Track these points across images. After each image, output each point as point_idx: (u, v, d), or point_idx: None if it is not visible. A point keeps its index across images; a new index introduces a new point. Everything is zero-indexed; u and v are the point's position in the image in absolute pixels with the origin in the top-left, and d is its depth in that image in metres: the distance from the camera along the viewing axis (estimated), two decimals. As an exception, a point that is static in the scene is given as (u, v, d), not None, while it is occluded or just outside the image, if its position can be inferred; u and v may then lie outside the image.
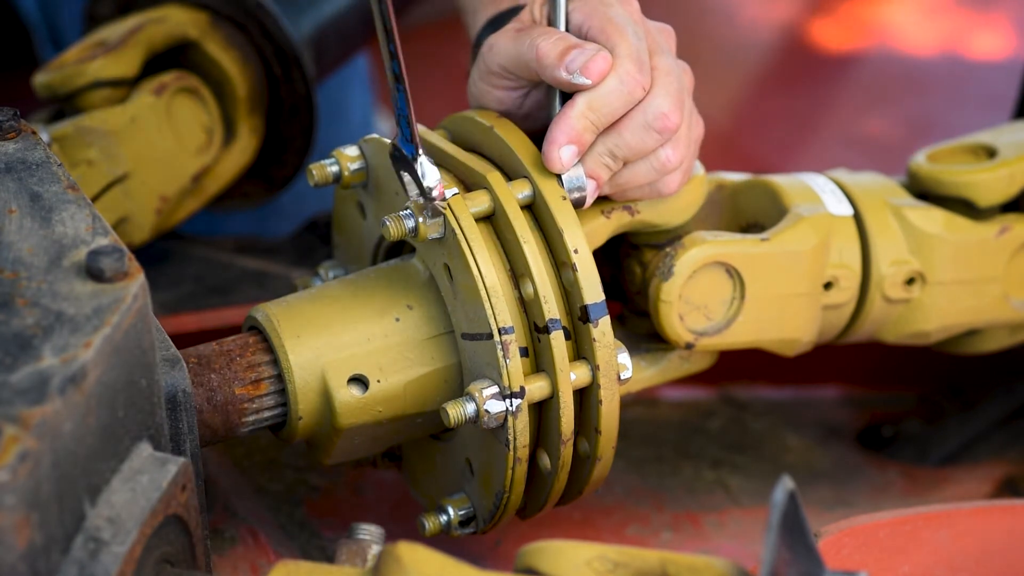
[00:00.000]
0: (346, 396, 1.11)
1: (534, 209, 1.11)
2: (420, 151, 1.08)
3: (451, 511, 1.16)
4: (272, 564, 1.00)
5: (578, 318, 1.09)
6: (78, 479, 0.87)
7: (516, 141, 1.12)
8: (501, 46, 1.14)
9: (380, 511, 1.36)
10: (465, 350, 1.11)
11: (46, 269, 0.94)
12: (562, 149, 1.09)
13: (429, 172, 1.08)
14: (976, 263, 1.28)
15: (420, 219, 1.09)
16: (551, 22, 1.15)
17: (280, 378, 1.12)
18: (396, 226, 1.09)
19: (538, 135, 1.12)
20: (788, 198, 1.23)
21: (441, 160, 1.15)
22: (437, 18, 2.87)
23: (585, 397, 1.11)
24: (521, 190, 1.10)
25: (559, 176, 1.10)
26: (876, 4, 3.34)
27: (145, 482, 0.92)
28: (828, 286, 1.24)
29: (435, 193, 1.08)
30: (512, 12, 1.22)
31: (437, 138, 1.17)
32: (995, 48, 3.14)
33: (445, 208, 1.08)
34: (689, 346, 1.19)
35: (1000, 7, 3.31)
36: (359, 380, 1.12)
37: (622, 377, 1.10)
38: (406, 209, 1.09)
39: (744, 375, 1.58)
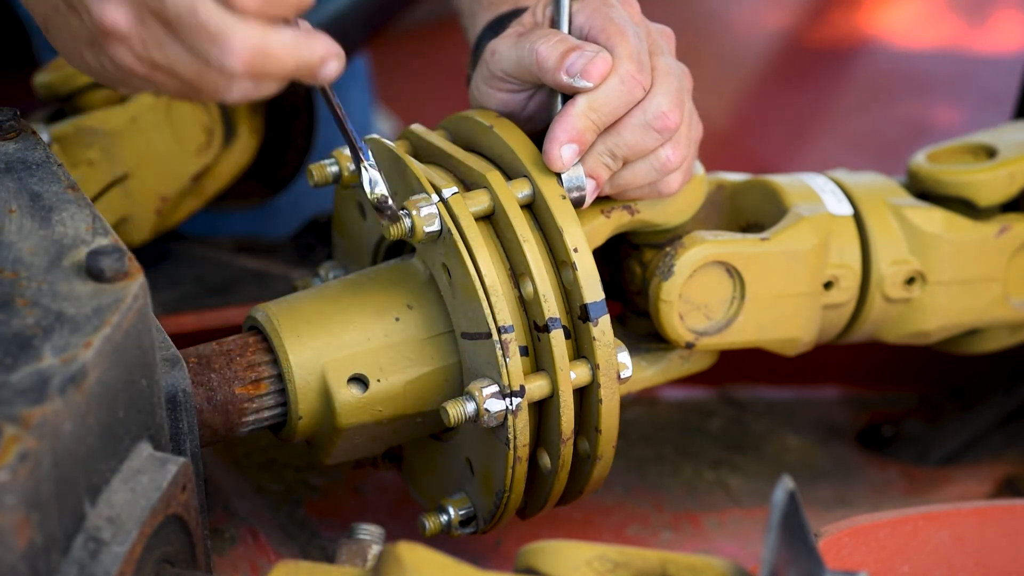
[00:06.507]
0: (346, 396, 1.11)
1: (534, 208, 1.11)
2: (364, 162, 1.08)
3: (451, 511, 1.16)
4: (272, 564, 0.99)
5: (578, 317, 1.09)
6: (78, 479, 0.87)
7: (516, 140, 1.12)
8: (503, 51, 1.14)
9: (380, 511, 1.36)
10: (465, 349, 1.11)
11: (46, 269, 0.94)
12: (563, 147, 1.09)
13: (376, 181, 1.08)
14: (976, 263, 1.28)
15: (382, 222, 1.09)
16: (554, 24, 1.15)
17: (280, 378, 1.12)
18: (395, 226, 1.09)
19: (541, 137, 1.12)
20: (788, 198, 1.23)
21: (441, 160, 1.15)
22: (437, 18, 2.87)
23: (585, 396, 1.11)
24: (521, 189, 1.10)
25: (559, 175, 1.10)
26: (876, 4, 3.34)
27: (145, 482, 0.92)
28: (828, 286, 1.24)
29: (390, 203, 1.08)
30: (512, 15, 1.22)
31: (437, 138, 1.17)
32: (995, 48, 3.14)
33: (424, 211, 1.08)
34: (689, 346, 1.19)
35: (1001, 7, 3.31)
36: (359, 380, 1.12)
37: (622, 376, 1.10)
38: (404, 209, 1.09)
39: (744, 375, 1.58)
